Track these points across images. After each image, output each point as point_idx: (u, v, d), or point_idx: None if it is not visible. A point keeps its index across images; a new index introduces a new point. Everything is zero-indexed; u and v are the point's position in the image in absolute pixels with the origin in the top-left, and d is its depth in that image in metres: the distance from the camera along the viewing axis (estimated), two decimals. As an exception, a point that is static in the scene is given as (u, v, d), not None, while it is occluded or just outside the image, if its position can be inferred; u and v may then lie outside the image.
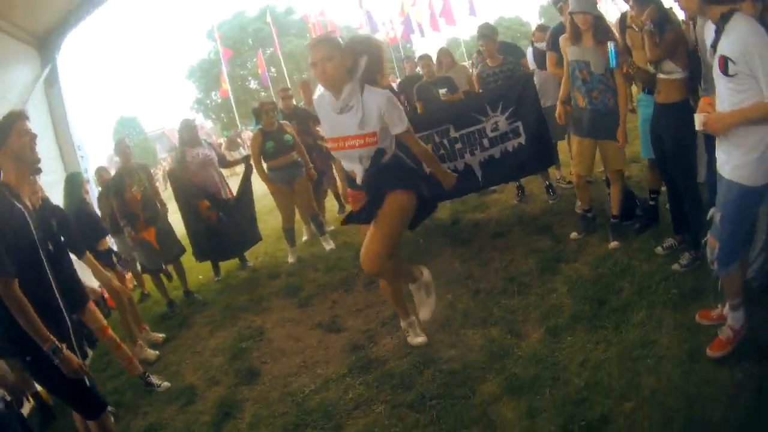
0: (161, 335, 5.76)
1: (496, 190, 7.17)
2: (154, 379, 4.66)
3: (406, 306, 4.07)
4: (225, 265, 7.36)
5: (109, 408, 4.05)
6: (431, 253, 5.69)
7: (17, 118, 3.00)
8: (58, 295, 3.03)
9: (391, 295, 4.01)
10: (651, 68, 4.07)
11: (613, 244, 4.71)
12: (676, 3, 3.22)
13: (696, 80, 3.90)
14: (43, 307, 2.90)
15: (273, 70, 36.52)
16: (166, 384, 4.64)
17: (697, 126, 2.92)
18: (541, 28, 7.01)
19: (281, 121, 6.79)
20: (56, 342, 2.84)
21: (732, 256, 2.98)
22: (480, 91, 6.55)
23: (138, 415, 4.34)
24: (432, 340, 4.08)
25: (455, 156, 5.91)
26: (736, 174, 2.81)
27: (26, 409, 4.43)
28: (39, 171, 3.15)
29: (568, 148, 5.50)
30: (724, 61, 2.69)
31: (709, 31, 2.91)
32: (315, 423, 3.53)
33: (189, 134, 6.95)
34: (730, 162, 2.84)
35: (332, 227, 7.75)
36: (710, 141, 3.26)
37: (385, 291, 4.06)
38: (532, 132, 5.77)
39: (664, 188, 4.69)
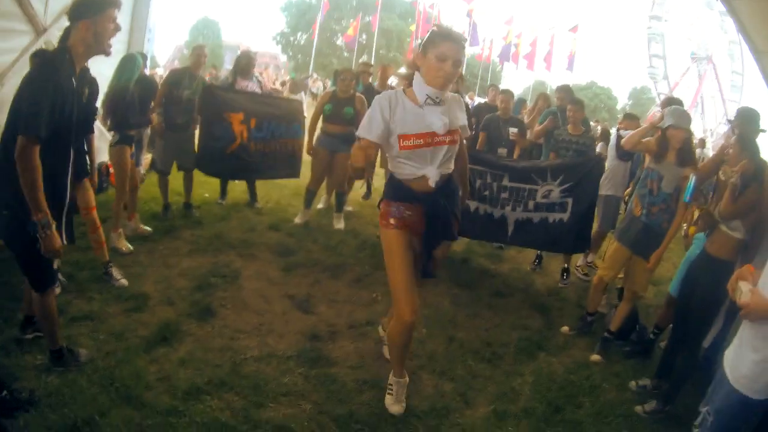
0: (149, 229, 5.76)
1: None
2: (115, 272, 4.59)
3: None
4: (233, 195, 7.26)
5: (60, 278, 4.00)
6: (428, 281, 5.50)
7: (113, 4, 2.98)
8: (70, 172, 3.00)
9: (404, 342, 3.44)
10: (717, 215, 3.84)
11: (595, 357, 4.53)
12: None
13: (754, 249, 3.65)
14: (52, 178, 2.88)
15: (363, 37, 36.47)
16: (123, 282, 4.58)
17: (740, 297, 2.36)
18: (630, 117, 6.89)
19: (358, 94, 6.66)
20: (49, 217, 2.79)
21: None
22: (551, 153, 6.42)
23: (83, 298, 4.25)
24: (387, 366, 3.84)
25: (496, 203, 5.76)
26: (741, 383, 2.37)
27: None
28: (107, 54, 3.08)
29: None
30: None
31: None
32: (240, 389, 3.40)
33: (246, 65, 7.12)
34: (740, 368, 2.39)
35: (350, 208, 7.68)
36: (730, 316, 3.03)
37: (398, 335, 3.40)
38: (577, 214, 5.61)
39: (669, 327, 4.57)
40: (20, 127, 2.71)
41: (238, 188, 7.35)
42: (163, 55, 41.03)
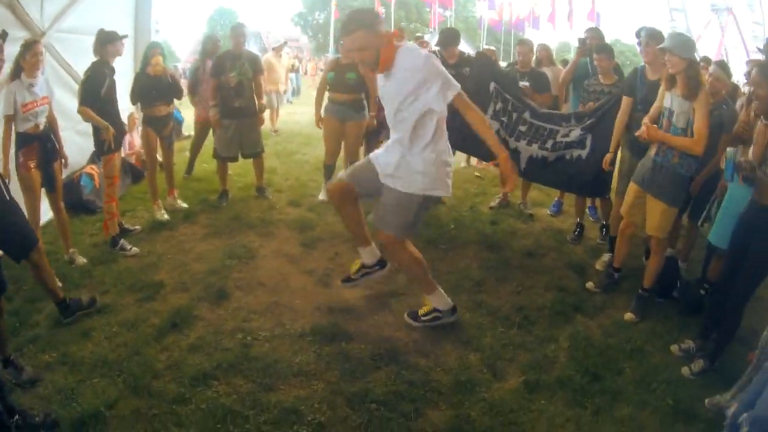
0: (184, 205, 6.17)
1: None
2: (125, 244, 5.04)
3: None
4: (248, 180, 7.14)
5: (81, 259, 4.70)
6: (456, 245, 5.30)
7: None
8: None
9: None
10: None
11: (628, 315, 4.16)
12: None
13: None
14: None
15: (383, 10, 36.34)
16: (135, 249, 4.99)
17: None
18: None
19: None
20: None
21: None
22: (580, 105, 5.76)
23: (98, 292, 4.19)
24: (407, 338, 3.72)
25: (513, 134, 5.42)
26: None
27: None
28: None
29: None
30: None
31: None
32: (249, 372, 3.26)
33: (212, 47, 7.28)
34: None
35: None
36: None
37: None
38: (597, 150, 5.12)
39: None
40: None
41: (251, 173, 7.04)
42: (183, 49, 41.26)
